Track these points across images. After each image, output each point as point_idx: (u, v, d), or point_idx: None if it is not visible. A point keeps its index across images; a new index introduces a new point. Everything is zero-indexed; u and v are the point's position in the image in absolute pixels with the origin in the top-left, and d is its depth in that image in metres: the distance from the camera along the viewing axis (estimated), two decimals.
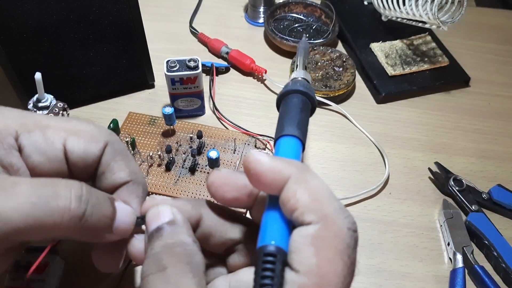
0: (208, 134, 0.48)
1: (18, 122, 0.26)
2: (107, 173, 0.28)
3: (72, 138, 0.27)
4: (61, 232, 0.24)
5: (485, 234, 0.41)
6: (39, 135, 0.26)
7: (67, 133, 0.27)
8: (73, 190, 0.24)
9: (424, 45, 0.60)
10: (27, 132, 0.26)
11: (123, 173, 0.28)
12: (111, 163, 0.28)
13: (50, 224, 0.23)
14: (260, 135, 0.47)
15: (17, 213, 0.22)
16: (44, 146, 0.26)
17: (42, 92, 0.38)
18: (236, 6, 0.68)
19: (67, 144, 0.27)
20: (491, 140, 0.51)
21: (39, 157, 0.26)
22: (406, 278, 0.39)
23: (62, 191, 0.24)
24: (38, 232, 0.23)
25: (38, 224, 0.23)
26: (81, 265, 0.38)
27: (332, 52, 0.57)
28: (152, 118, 0.49)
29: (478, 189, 0.45)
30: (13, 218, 0.22)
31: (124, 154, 0.29)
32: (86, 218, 0.24)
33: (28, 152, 0.26)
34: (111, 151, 0.28)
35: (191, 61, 0.46)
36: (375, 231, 0.42)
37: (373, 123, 0.52)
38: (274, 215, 0.22)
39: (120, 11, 0.46)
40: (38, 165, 0.26)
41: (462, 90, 0.57)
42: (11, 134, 0.25)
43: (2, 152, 0.25)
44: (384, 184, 0.46)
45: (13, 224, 0.22)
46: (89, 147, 0.27)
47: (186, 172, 0.45)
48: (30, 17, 0.42)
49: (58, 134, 0.27)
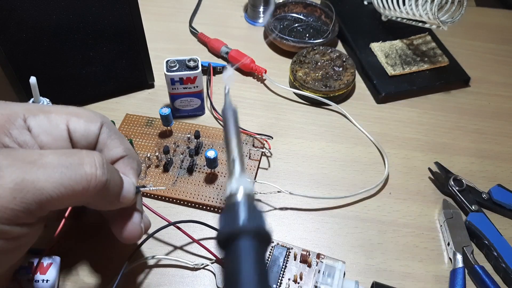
0: (206, 134, 0.48)
1: (24, 108, 0.29)
2: (105, 150, 0.31)
3: (74, 119, 0.30)
4: (86, 199, 0.27)
5: (485, 234, 0.41)
6: (43, 118, 0.29)
7: (68, 115, 0.30)
8: (96, 158, 0.27)
9: (424, 45, 0.59)
10: (33, 116, 0.29)
11: (119, 149, 0.32)
12: (107, 141, 0.31)
13: (79, 191, 0.26)
14: (258, 134, 0.47)
15: (49, 182, 0.24)
16: (49, 127, 0.29)
17: (38, 95, 0.39)
18: (236, 6, 0.68)
19: (69, 125, 0.30)
20: (491, 140, 0.51)
21: (46, 137, 0.29)
22: (406, 278, 0.39)
23: (87, 158, 0.26)
24: (68, 199, 0.25)
25: (69, 191, 0.25)
26: (81, 265, 0.38)
27: (332, 52, 0.57)
28: (149, 120, 0.49)
29: (478, 189, 0.45)
30: (46, 188, 0.24)
31: (118, 133, 0.32)
32: (109, 184, 0.27)
33: (36, 132, 0.28)
34: (107, 130, 0.31)
35: (191, 61, 0.46)
36: (375, 231, 0.42)
37: (373, 123, 0.52)
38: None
39: (120, 11, 0.46)
40: (46, 144, 0.29)
41: (462, 90, 0.57)
42: (20, 117, 0.28)
43: (16, 132, 0.27)
44: (384, 184, 0.46)
45: (47, 193, 0.24)
46: (89, 126, 0.30)
47: (184, 173, 0.45)
48: (29, 17, 0.42)
49: (61, 117, 0.29)
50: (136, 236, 0.32)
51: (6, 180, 0.23)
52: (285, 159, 0.48)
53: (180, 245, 0.40)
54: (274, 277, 0.37)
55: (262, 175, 0.46)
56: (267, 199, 0.44)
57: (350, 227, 0.42)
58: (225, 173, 0.45)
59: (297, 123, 0.52)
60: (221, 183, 0.44)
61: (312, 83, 0.53)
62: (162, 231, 0.38)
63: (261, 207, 0.43)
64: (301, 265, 0.38)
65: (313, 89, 0.52)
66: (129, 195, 0.30)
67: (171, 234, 0.40)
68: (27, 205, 0.24)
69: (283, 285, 0.37)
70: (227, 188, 0.22)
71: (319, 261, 0.38)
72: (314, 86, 0.53)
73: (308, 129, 0.51)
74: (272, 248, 0.39)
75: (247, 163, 0.46)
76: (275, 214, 0.43)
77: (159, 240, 0.40)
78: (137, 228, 0.32)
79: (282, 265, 0.38)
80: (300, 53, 0.56)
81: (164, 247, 0.40)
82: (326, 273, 0.37)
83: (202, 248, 0.38)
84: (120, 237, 0.32)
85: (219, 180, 0.44)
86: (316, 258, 0.38)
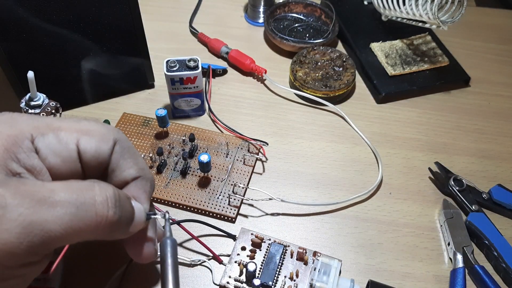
0: (201, 137, 0.48)
1: (31, 126, 0.26)
2: (117, 171, 0.29)
3: (85, 138, 0.28)
4: (94, 236, 0.25)
5: (485, 234, 0.41)
6: (52, 137, 0.27)
7: (79, 133, 0.28)
8: (108, 196, 0.25)
9: (424, 45, 0.59)
10: (41, 135, 0.26)
11: (132, 170, 0.29)
12: (120, 161, 0.29)
13: (88, 230, 0.24)
14: (253, 139, 0.47)
15: (57, 224, 0.23)
16: (58, 148, 0.27)
17: (35, 90, 0.38)
18: (236, 6, 0.68)
19: (80, 144, 0.27)
20: (491, 140, 0.51)
21: (55, 158, 0.27)
22: (406, 278, 0.39)
23: (99, 197, 0.25)
24: (75, 238, 0.24)
25: (76, 232, 0.24)
26: (83, 265, 0.38)
27: (332, 52, 0.57)
28: (146, 120, 0.49)
29: (478, 189, 0.45)
30: (54, 229, 0.23)
31: (132, 151, 0.30)
32: (120, 221, 0.26)
33: (44, 154, 0.26)
34: (120, 149, 0.29)
35: (191, 61, 0.46)
36: (375, 231, 0.42)
37: (373, 123, 0.52)
38: None
39: (120, 11, 0.46)
40: (54, 166, 0.27)
41: (462, 90, 0.57)
42: (27, 138, 0.26)
43: (23, 156, 0.25)
44: (378, 185, 0.46)
45: (53, 234, 0.23)
46: (101, 146, 0.28)
47: (177, 175, 0.44)
48: (29, 16, 0.42)
49: (71, 135, 0.27)
50: (150, 257, 0.30)
51: (13, 224, 0.22)
52: (285, 159, 0.48)
53: (178, 242, 0.40)
54: (271, 274, 0.37)
55: (256, 181, 0.46)
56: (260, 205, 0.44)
57: (350, 227, 0.42)
58: (218, 177, 0.44)
59: (297, 123, 0.52)
60: (214, 187, 0.44)
61: (312, 83, 0.53)
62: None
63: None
64: (298, 263, 0.38)
65: (313, 89, 0.52)
66: (139, 224, 0.28)
67: None
68: (33, 248, 0.23)
69: (279, 282, 0.37)
70: None
71: (315, 259, 0.38)
72: (314, 86, 0.53)
73: (308, 129, 0.51)
74: (269, 245, 0.39)
75: (241, 168, 0.45)
76: (274, 215, 0.43)
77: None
78: (151, 250, 0.30)
79: (279, 262, 0.38)
80: (300, 53, 0.56)
81: None
82: (322, 271, 0.37)
83: (199, 245, 0.39)
84: (135, 259, 0.31)
85: (212, 184, 0.44)
86: (312, 256, 0.38)
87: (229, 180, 0.44)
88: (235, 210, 0.42)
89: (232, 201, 0.43)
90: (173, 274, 0.27)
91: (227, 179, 0.44)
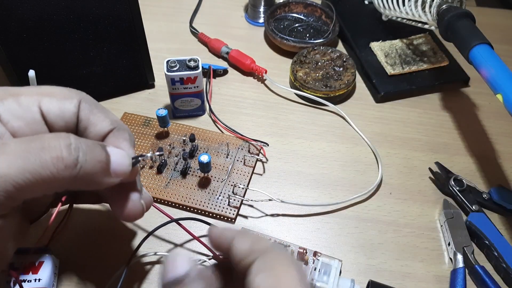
0: (202, 137, 0.48)
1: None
2: (89, 127, 0.29)
3: (46, 99, 0.28)
4: (61, 183, 0.25)
5: (485, 234, 0.41)
6: (12, 101, 0.27)
7: (39, 96, 0.28)
8: (61, 140, 0.25)
9: (424, 44, 0.59)
10: (0, 101, 0.27)
11: (105, 123, 0.29)
12: (90, 117, 0.29)
13: (47, 176, 0.24)
14: (254, 140, 0.47)
15: (11, 168, 0.23)
16: (19, 111, 0.27)
17: None
18: (236, 6, 0.68)
19: (42, 106, 0.28)
20: (491, 140, 0.51)
21: (17, 122, 0.27)
22: (407, 278, 0.39)
23: (51, 142, 0.25)
24: (38, 186, 0.24)
25: (36, 177, 0.24)
26: (78, 264, 0.38)
27: (332, 52, 0.57)
28: (147, 119, 0.49)
29: (478, 189, 0.45)
30: (9, 174, 0.23)
31: (100, 107, 0.30)
32: (81, 165, 0.25)
33: (5, 119, 0.27)
34: (87, 106, 0.29)
35: (191, 61, 0.46)
36: (375, 231, 0.42)
37: (373, 123, 0.52)
38: None
39: (120, 11, 0.46)
40: (18, 130, 0.27)
41: (462, 90, 0.57)
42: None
43: None
44: (379, 185, 0.46)
45: (11, 179, 0.23)
46: (64, 104, 0.28)
47: (177, 175, 0.44)
48: (29, 16, 0.42)
49: (32, 98, 0.28)
50: (137, 214, 0.30)
51: None
52: (285, 159, 0.48)
53: (178, 243, 0.40)
54: None
55: (256, 181, 0.46)
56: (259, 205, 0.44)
57: (351, 227, 0.42)
58: (218, 178, 0.44)
59: (297, 123, 0.52)
60: (214, 187, 0.44)
61: (313, 83, 0.53)
62: (161, 229, 0.39)
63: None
64: None
65: (314, 89, 0.52)
66: (123, 168, 0.28)
67: (170, 232, 0.41)
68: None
69: None
70: None
71: (315, 259, 0.38)
72: (315, 86, 0.53)
73: (308, 129, 0.51)
74: None
75: (241, 169, 0.45)
76: (274, 216, 0.43)
77: (158, 237, 0.40)
78: (138, 206, 0.30)
79: None
80: (300, 53, 0.56)
81: (163, 244, 0.40)
82: (322, 271, 0.37)
83: (200, 245, 0.39)
84: (120, 216, 0.30)
85: (212, 185, 0.44)
86: (312, 256, 0.38)
87: (229, 180, 0.44)
88: (235, 211, 0.42)
89: (232, 201, 0.43)
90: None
91: (227, 179, 0.44)
